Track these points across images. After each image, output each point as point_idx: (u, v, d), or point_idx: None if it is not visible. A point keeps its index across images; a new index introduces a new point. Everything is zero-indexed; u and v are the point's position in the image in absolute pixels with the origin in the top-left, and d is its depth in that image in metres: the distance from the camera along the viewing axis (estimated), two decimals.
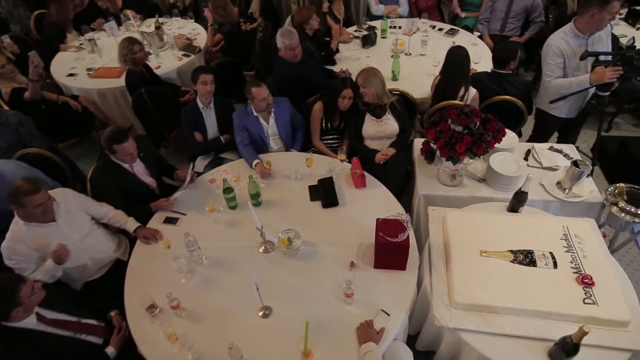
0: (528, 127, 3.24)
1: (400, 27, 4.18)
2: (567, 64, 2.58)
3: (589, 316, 1.73)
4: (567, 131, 2.94)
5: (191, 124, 2.96)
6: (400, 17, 4.48)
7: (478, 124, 2.15)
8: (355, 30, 4.21)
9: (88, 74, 3.87)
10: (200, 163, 3.06)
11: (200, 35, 4.39)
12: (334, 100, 2.85)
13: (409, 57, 3.77)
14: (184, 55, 4.06)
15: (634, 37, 2.46)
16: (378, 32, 4.06)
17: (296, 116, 3.01)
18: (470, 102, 2.91)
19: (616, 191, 2.20)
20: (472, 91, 2.90)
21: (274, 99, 2.82)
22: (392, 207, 2.40)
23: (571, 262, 1.92)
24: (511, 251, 1.99)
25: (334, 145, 3.05)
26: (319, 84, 3.21)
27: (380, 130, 2.84)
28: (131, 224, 2.37)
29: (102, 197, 2.44)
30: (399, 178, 2.70)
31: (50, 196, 2.11)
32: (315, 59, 3.56)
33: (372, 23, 4.29)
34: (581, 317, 1.74)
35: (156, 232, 2.32)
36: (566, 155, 2.60)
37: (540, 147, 2.66)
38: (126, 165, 2.46)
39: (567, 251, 1.97)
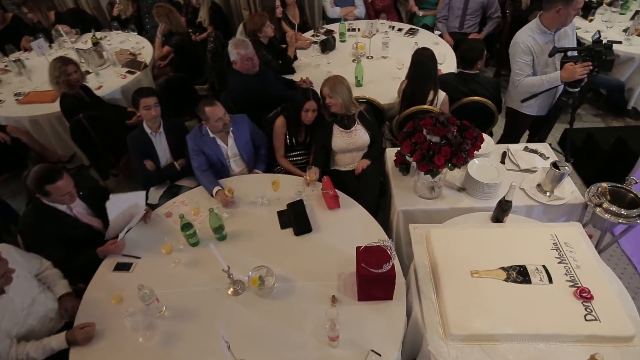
0: (498, 127, 3.16)
1: (359, 30, 4.02)
2: (536, 61, 2.50)
3: (593, 335, 1.61)
4: (537, 128, 2.87)
5: (140, 153, 2.64)
6: (357, 18, 4.32)
7: (455, 132, 1.99)
8: (313, 35, 4.01)
9: (17, 99, 3.44)
10: (154, 194, 2.74)
11: (146, 49, 4.03)
12: (297, 113, 2.63)
13: (371, 61, 3.61)
14: (128, 72, 3.69)
15: (599, 31, 2.42)
16: (337, 36, 3.88)
17: (257, 133, 2.76)
18: (440, 106, 2.78)
19: (599, 191, 2.11)
20: (442, 94, 2.76)
21: (231, 117, 2.56)
22: (370, 228, 2.21)
23: (566, 275, 1.80)
24: (503, 269, 1.84)
25: (301, 161, 2.83)
26: (280, 97, 2.98)
27: (350, 142, 2.64)
28: (59, 289, 1.99)
29: (35, 249, 2.08)
30: (373, 193, 2.52)
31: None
32: (273, 69, 3.32)
33: (330, 27, 4.11)
34: (585, 337, 1.61)
35: (75, 305, 1.94)
36: (542, 155, 2.51)
37: (516, 148, 2.56)
38: (63, 207, 2.12)
39: (559, 262, 1.85)
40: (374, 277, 1.74)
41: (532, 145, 2.57)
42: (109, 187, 3.42)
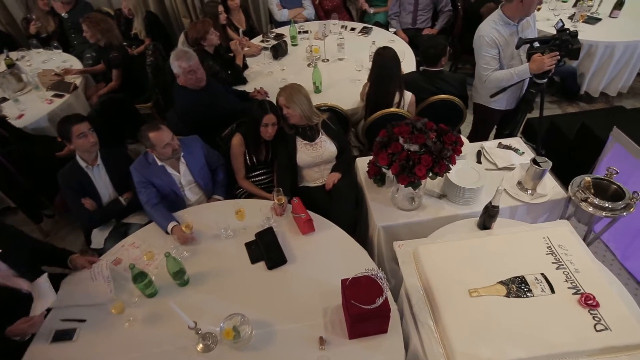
0: (466, 124, 3.06)
1: (310, 32, 3.80)
2: (502, 54, 2.41)
3: (606, 347, 1.48)
4: (506, 122, 2.79)
5: (75, 191, 2.25)
6: (307, 20, 4.11)
7: (434, 138, 1.82)
8: (262, 41, 3.75)
9: None
10: (99, 236, 2.36)
11: (74, 68, 3.57)
12: (255, 129, 2.36)
13: (328, 64, 3.40)
14: (54, 95, 3.23)
15: (561, 20, 2.37)
16: (288, 40, 3.64)
17: (212, 155, 2.46)
18: (407, 107, 2.62)
19: (583, 185, 2.03)
20: (408, 95, 2.61)
21: (180, 140, 2.25)
22: (351, 252, 2.00)
23: (566, 281, 1.68)
24: (502, 283, 1.69)
25: (265, 181, 2.56)
26: (233, 111, 2.69)
27: (316, 156, 2.41)
28: None
29: None
30: (349, 209, 2.31)
31: None
32: (223, 80, 3.02)
33: (279, 30, 3.86)
34: (599, 350, 1.49)
35: None
36: (516, 150, 2.42)
37: (490, 146, 2.45)
38: None
39: (557, 268, 1.73)
40: (366, 314, 1.52)
41: (505, 141, 2.47)
42: (43, 230, 2.96)
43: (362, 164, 2.43)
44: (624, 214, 1.93)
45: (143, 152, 2.24)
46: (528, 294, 1.64)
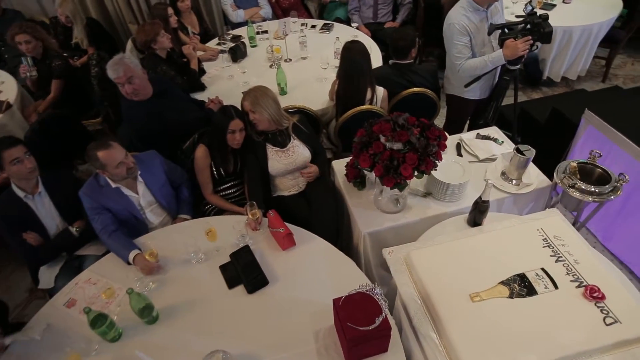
0: (440, 116, 2.97)
1: (269, 32, 3.61)
2: (473, 42, 2.33)
3: (619, 341, 1.40)
4: (480, 112, 2.73)
5: (13, 226, 1.94)
6: (265, 20, 3.91)
7: (418, 134, 1.69)
8: (219, 44, 3.51)
9: None
10: (47, 274, 2.06)
11: (6, 85, 3.18)
12: (220, 138, 2.15)
13: (291, 64, 3.22)
14: None
15: (530, 3, 2.31)
16: (246, 41, 3.43)
17: (174, 171, 2.22)
18: (380, 103, 2.49)
19: (569, 170, 1.97)
20: (380, 90, 2.48)
21: (135, 157, 2.00)
22: (338, 264, 1.83)
23: (567, 274, 1.59)
24: (503, 283, 1.57)
25: (236, 194, 2.35)
26: (194, 120, 2.46)
27: (289, 162, 2.23)
28: None
29: None
30: (330, 218, 2.14)
31: None
32: (180, 87, 2.77)
33: (236, 32, 3.64)
34: (611, 345, 1.40)
35: None
36: (495, 140, 2.34)
37: (468, 138, 2.36)
38: None
39: (557, 261, 1.64)
40: (365, 336, 1.36)
41: (483, 131, 2.40)
42: None
43: (339, 167, 2.27)
44: (612, 197, 1.88)
45: (93, 174, 1.97)
46: (531, 293, 1.54)
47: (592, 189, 1.90)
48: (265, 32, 3.58)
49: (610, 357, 1.39)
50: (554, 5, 3.73)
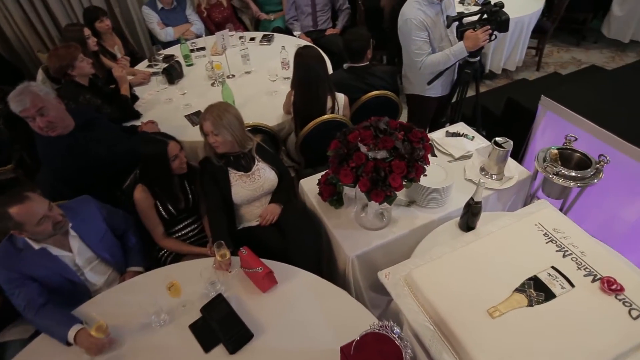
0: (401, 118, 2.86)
1: (204, 48, 3.31)
2: (432, 36, 2.22)
3: None
4: (441, 109, 2.64)
5: None
6: (198, 36, 3.60)
7: (402, 138, 1.51)
8: (149, 66, 3.15)
9: None
10: None
11: None
12: (164, 169, 1.83)
13: (235, 80, 2.95)
14: None
15: None
16: (181, 60, 3.10)
17: (116, 216, 1.84)
18: (342, 110, 2.31)
19: (550, 157, 1.90)
20: (340, 97, 2.29)
21: (64, 207, 1.62)
22: (330, 298, 1.59)
23: (579, 269, 1.48)
24: (518, 290, 1.42)
25: (195, 232, 2.02)
26: (129, 153, 2.08)
27: (256, 188, 1.95)
28: None
29: None
30: (311, 245, 1.88)
31: None
32: (110, 117, 2.39)
33: (168, 51, 3.30)
34: None
35: None
36: (466, 136, 2.25)
37: (439, 137, 2.24)
38: None
39: (564, 256, 1.53)
40: None
41: (451, 129, 2.30)
42: None
43: (310, 185, 2.03)
44: (595, 181, 1.83)
45: (6, 236, 1.55)
46: (550, 296, 1.40)
47: (576, 174, 1.83)
48: (202, 48, 3.28)
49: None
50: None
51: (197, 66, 3.15)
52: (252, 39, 3.46)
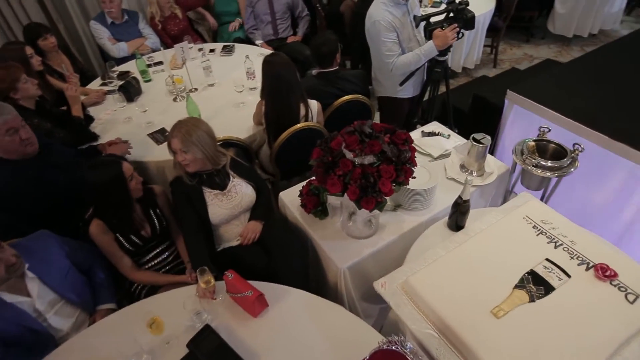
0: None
1: (162, 62, 3.15)
2: (400, 37, 2.21)
3: None
4: (413, 110, 2.64)
5: None
6: (154, 50, 3.42)
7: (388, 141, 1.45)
8: (103, 84, 2.94)
9: None
10: None
11: None
12: (121, 195, 1.66)
13: (198, 94, 2.81)
14: None
15: None
16: (138, 76, 2.92)
17: (79, 251, 1.67)
18: (316, 117, 2.24)
19: (527, 149, 1.91)
20: (313, 104, 2.22)
21: (17, 246, 1.43)
22: (326, 315, 1.49)
23: (572, 259, 1.48)
24: (518, 287, 1.40)
25: (169, 259, 1.86)
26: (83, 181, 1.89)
27: (234, 206, 1.83)
28: None
29: None
30: (299, 261, 1.78)
31: None
32: (63, 141, 2.18)
33: (122, 67, 3.11)
34: None
35: None
36: (441, 134, 2.25)
37: (416, 137, 2.21)
38: None
39: (556, 247, 1.53)
40: None
41: (426, 128, 2.29)
42: None
43: (290, 198, 1.94)
44: (572, 169, 1.86)
45: None
46: (549, 289, 1.38)
47: (554, 165, 1.86)
48: (160, 63, 3.11)
49: None
50: (440, 2, 3.92)
51: (156, 81, 2.98)
52: (212, 50, 3.33)
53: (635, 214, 2.22)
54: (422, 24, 2.15)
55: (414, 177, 1.51)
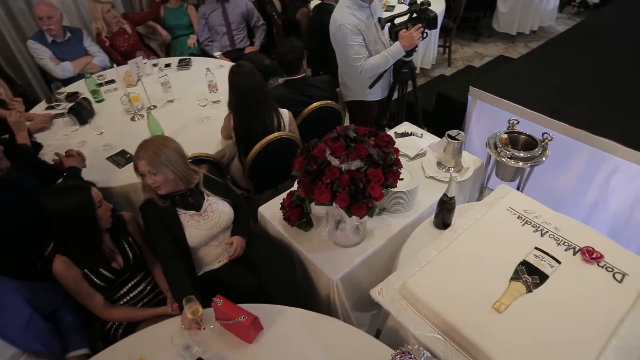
0: None
1: (114, 81, 2.95)
2: (366, 40, 2.20)
3: (637, 291, 1.35)
4: (381, 112, 2.64)
5: None
6: (104, 68, 3.21)
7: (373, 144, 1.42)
8: (50, 107, 2.71)
9: None
10: None
11: None
12: (89, 224, 1.51)
13: (158, 111, 2.66)
14: None
15: None
16: (89, 97, 2.72)
17: (40, 294, 1.48)
18: (289, 127, 2.17)
19: (501, 142, 1.95)
20: (285, 113, 2.16)
21: None
22: (326, 332, 1.42)
23: (559, 245, 1.51)
24: (514, 279, 1.41)
25: (147, 292, 1.71)
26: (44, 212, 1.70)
27: (212, 226, 1.72)
28: None
29: None
30: (287, 276, 1.69)
31: None
32: (11, 176, 1.95)
33: (70, 88, 2.89)
34: (635, 299, 1.34)
35: None
36: (414, 134, 2.26)
37: None
38: None
39: (542, 235, 1.56)
40: None
41: (399, 129, 2.29)
42: None
43: (271, 212, 1.86)
44: (544, 159, 1.92)
45: None
46: (543, 278, 1.40)
47: (526, 155, 1.91)
48: (112, 81, 2.92)
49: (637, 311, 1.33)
50: (394, 6, 4.00)
51: (110, 101, 2.79)
52: (168, 65, 3.18)
53: (598, 195, 2.34)
54: (387, 25, 2.16)
55: (402, 179, 1.48)
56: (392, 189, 1.70)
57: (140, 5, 3.86)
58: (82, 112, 2.51)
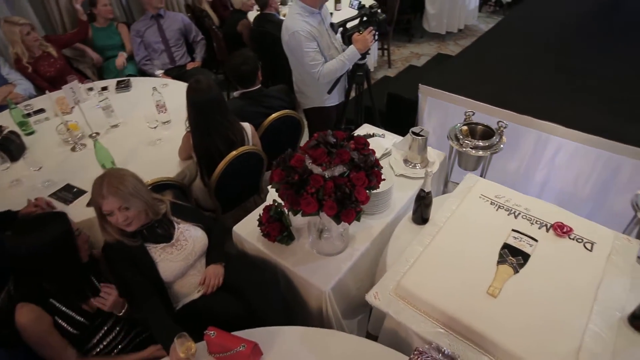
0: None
1: (44, 110, 2.67)
2: (321, 46, 2.19)
3: (606, 256, 1.46)
4: (338, 116, 2.65)
5: None
6: (30, 97, 2.90)
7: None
8: None
9: None
10: None
11: None
12: (68, 258, 1.36)
13: (102, 137, 2.44)
14: None
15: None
16: (17, 130, 2.43)
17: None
18: (252, 140, 2.10)
19: (462, 134, 2.04)
20: (247, 126, 2.08)
21: None
22: (329, 347, 1.37)
23: (532, 224, 1.60)
24: (500, 263, 1.46)
25: (123, 336, 1.54)
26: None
27: (186, 256, 1.59)
28: None
29: None
30: (275, 295, 1.62)
31: None
32: None
33: None
34: (605, 264, 1.44)
35: None
36: (376, 135, 2.29)
37: None
38: None
39: (516, 217, 1.64)
40: None
41: (360, 131, 2.31)
42: None
43: (246, 230, 1.77)
44: (502, 146, 2.03)
45: None
46: (525, 257, 1.47)
47: (485, 144, 2.02)
48: (42, 110, 2.64)
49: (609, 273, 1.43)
50: (332, 14, 4.07)
51: (42, 132, 2.51)
52: (105, 88, 2.94)
53: (545, 175, 2.53)
54: (340, 30, 2.18)
55: (384, 179, 1.48)
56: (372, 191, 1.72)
57: (62, 27, 3.54)
58: (11, 148, 2.24)
